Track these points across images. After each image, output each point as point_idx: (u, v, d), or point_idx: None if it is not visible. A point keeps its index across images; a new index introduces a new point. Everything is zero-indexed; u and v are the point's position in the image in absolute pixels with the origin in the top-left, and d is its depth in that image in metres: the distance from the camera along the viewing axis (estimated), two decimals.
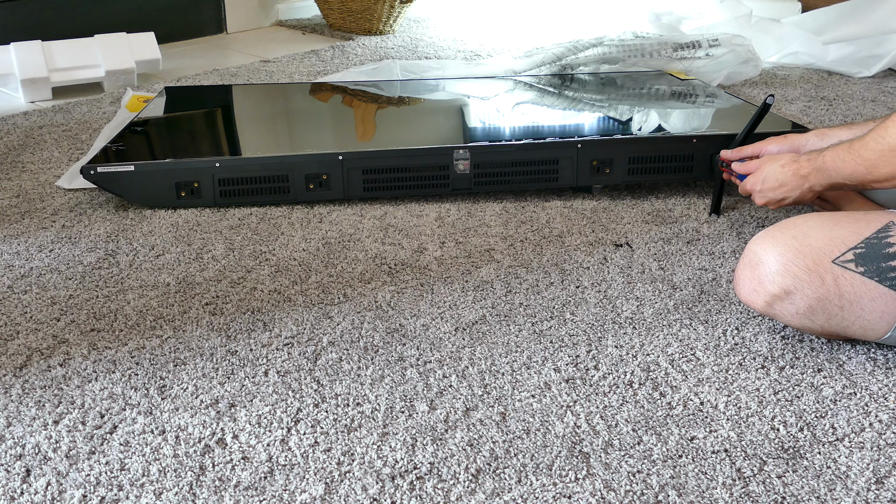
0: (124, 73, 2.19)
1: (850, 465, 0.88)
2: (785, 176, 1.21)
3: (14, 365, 1.03)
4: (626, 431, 0.92)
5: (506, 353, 1.07)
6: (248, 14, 2.99)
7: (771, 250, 1.03)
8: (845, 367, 1.05)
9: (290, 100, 1.87)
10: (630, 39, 2.15)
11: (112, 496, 0.83)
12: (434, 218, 1.45)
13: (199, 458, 0.88)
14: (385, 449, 0.89)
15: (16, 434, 0.91)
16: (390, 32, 2.90)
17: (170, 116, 1.77)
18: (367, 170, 1.48)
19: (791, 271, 1.01)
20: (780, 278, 1.02)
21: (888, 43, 2.36)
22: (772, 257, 1.03)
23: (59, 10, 2.45)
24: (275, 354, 1.06)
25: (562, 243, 1.37)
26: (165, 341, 1.08)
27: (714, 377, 1.02)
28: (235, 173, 1.47)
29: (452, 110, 1.80)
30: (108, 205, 1.50)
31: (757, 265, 1.04)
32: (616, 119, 1.68)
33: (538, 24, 3.04)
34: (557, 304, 1.18)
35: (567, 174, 1.51)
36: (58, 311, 1.15)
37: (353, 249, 1.34)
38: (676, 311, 1.17)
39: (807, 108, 2.08)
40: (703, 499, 0.83)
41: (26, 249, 1.33)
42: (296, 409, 0.95)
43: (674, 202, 1.53)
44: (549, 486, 0.84)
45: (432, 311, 1.16)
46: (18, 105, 2.07)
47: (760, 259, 1.04)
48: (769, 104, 1.38)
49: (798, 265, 1.01)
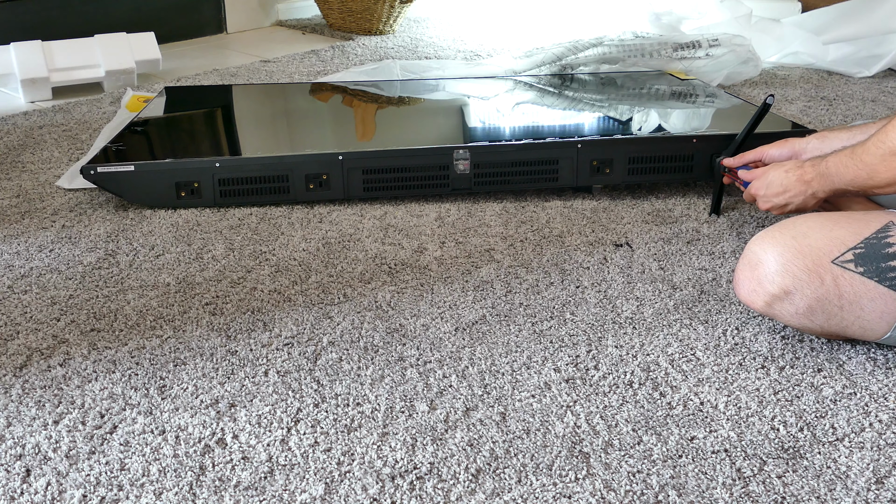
0: (124, 73, 2.19)
1: (850, 465, 0.88)
2: (789, 181, 1.21)
3: (14, 365, 1.03)
4: (626, 431, 0.92)
5: (506, 353, 1.07)
6: (248, 14, 2.99)
7: (770, 250, 1.03)
8: (845, 367, 1.05)
9: (290, 100, 1.87)
10: (630, 39, 2.15)
11: (112, 496, 0.83)
12: (434, 218, 1.45)
13: (199, 458, 0.88)
14: (385, 449, 0.89)
15: (16, 434, 0.91)
16: (390, 32, 2.90)
17: (170, 116, 1.77)
18: (367, 170, 1.48)
19: (790, 271, 1.01)
20: (780, 278, 1.02)
21: (888, 43, 2.36)
22: (771, 257, 1.03)
23: (59, 10, 2.45)
24: (275, 354, 1.06)
25: (562, 243, 1.37)
26: (165, 341, 1.08)
27: (714, 377, 1.02)
28: (235, 173, 1.47)
29: (452, 110, 1.80)
30: (108, 205, 1.50)
31: (756, 265, 1.04)
32: (616, 119, 1.68)
33: (538, 24, 3.04)
34: (557, 304, 1.18)
35: (567, 174, 1.51)
36: (58, 311, 1.15)
37: (353, 249, 1.34)
38: (676, 311, 1.17)
39: (807, 108, 2.08)
40: (703, 499, 0.83)
41: (26, 249, 1.33)
42: (296, 409, 0.95)
43: (674, 202, 1.53)
44: (549, 486, 0.84)
45: (432, 311, 1.16)
46: (18, 105, 2.07)
47: (760, 259, 1.04)
48: (769, 104, 1.38)
49: (797, 265, 1.01)
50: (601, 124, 1.66)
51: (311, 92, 1.94)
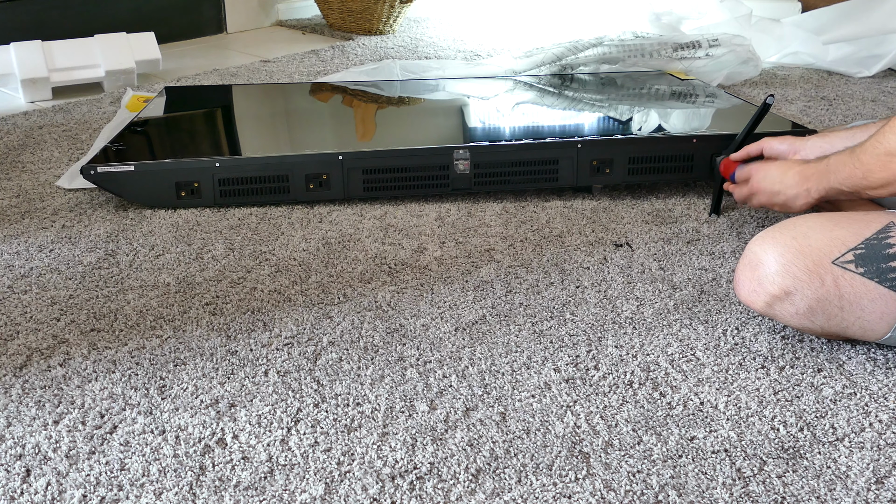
0: (124, 73, 2.19)
1: (850, 465, 0.88)
2: (788, 175, 1.21)
3: (14, 365, 1.03)
4: (626, 431, 0.93)
5: (506, 353, 1.07)
6: (248, 14, 2.99)
7: (771, 251, 1.03)
8: (845, 367, 1.05)
9: (290, 100, 1.87)
10: (630, 39, 2.15)
11: (112, 496, 0.83)
12: (434, 218, 1.45)
13: (199, 458, 0.88)
14: (385, 449, 0.89)
15: (16, 434, 0.91)
16: (390, 32, 2.90)
17: (170, 116, 1.77)
18: (367, 170, 1.48)
19: (791, 272, 1.01)
20: (780, 279, 1.02)
21: (888, 43, 2.36)
22: (772, 258, 1.03)
23: (59, 10, 2.45)
24: (275, 354, 1.06)
25: (562, 243, 1.37)
26: (165, 341, 1.08)
27: (714, 377, 1.02)
28: (235, 173, 1.47)
29: (452, 110, 1.80)
30: (108, 205, 1.50)
31: (757, 266, 1.04)
32: (616, 119, 1.68)
33: (538, 24, 3.04)
34: (557, 304, 1.18)
35: (567, 174, 1.51)
36: (58, 311, 1.15)
37: (353, 249, 1.34)
38: (676, 311, 1.17)
39: (807, 108, 2.08)
40: (703, 499, 0.83)
41: (26, 249, 1.33)
42: (296, 409, 0.95)
43: (674, 202, 1.53)
44: (549, 486, 0.84)
45: (432, 311, 1.16)
46: (18, 105, 2.07)
47: (760, 260, 1.04)
48: (769, 104, 1.38)
49: (798, 266, 1.01)
50: (601, 124, 1.66)
51: (311, 92, 1.94)
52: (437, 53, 2.61)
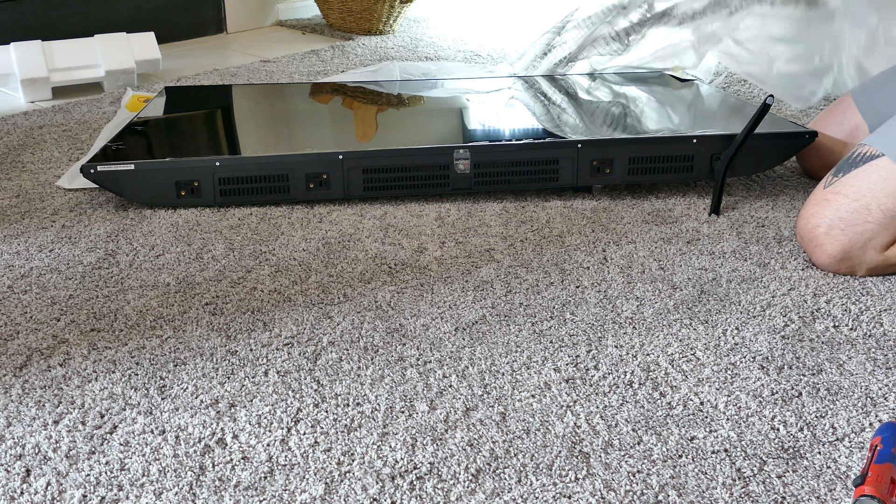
0: (124, 73, 2.19)
1: (850, 465, 0.88)
2: None
3: (14, 365, 1.03)
4: (626, 431, 0.93)
5: (506, 353, 1.07)
6: (248, 14, 2.99)
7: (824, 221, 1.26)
8: (845, 367, 1.05)
9: (290, 99, 1.87)
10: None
11: (112, 496, 0.83)
12: (434, 218, 1.45)
13: (199, 458, 0.88)
14: (385, 449, 0.89)
15: (16, 434, 0.91)
16: (390, 32, 2.90)
17: (170, 116, 1.77)
18: (368, 169, 1.48)
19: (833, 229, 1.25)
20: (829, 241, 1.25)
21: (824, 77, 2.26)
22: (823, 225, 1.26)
23: (59, 10, 2.45)
24: (275, 354, 1.06)
25: (562, 243, 1.37)
26: (165, 341, 1.08)
27: (714, 377, 1.02)
28: (235, 172, 1.47)
29: (452, 110, 1.80)
30: (108, 205, 1.50)
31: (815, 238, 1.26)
32: (616, 119, 1.68)
33: (538, 25, 3.04)
34: (557, 304, 1.18)
35: (567, 174, 1.51)
36: (58, 311, 1.15)
37: (353, 249, 1.34)
38: (676, 311, 1.17)
39: (807, 108, 2.08)
40: (703, 499, 0.83)
41: (26, 249, 1.33)
42: (296, 409, 0.95)
43: (674, 202, 1.53)
44: (549, 486, 0.84)
45: (432, 311, 1.16)
46: (18, 105, 2.07)
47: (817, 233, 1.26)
48: (769, 104, 1.38)
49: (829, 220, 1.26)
50: (601, 124, 1.66)
51: (311, 92, 1.94)
52: (437, 54, 2.61)
